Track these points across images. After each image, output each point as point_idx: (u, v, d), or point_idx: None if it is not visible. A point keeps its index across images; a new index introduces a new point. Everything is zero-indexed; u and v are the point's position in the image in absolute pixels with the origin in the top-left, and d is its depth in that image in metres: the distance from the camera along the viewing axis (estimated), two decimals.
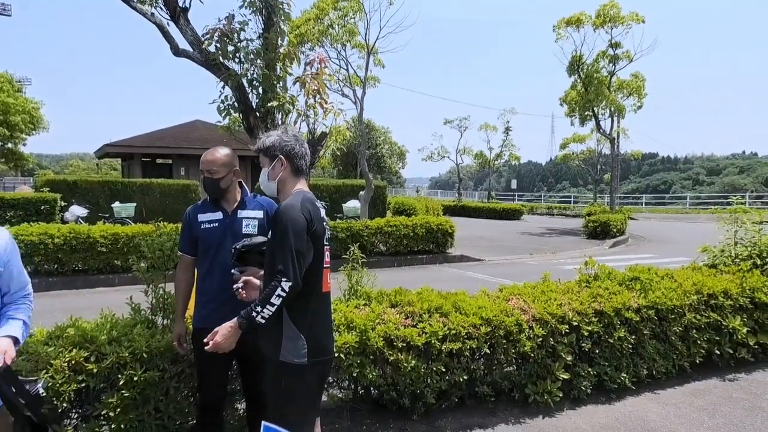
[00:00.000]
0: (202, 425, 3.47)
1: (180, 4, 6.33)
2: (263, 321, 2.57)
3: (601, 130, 27.07)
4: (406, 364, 4.15)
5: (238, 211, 3.44)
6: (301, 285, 2.59)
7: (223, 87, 6.47)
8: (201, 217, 3.41)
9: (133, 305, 4.01)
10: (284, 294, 2.54)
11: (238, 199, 3.48)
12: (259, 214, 3.45)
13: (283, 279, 2.54)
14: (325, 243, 2.80)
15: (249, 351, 3.33)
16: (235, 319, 2.66)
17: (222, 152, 3.39)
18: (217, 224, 3.38)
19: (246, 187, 3.55)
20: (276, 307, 2.55)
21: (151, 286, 4.22)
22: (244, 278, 2.92)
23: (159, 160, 26.87)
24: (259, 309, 2.56)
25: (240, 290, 2.87)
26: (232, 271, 3.26)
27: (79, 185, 17.85)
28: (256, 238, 3.30)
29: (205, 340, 2.72)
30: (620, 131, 30.98)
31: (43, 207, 15.17)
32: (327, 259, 2.82)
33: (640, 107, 27.56)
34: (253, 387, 3.47)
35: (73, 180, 18.15)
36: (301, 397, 2.70)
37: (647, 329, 5.23)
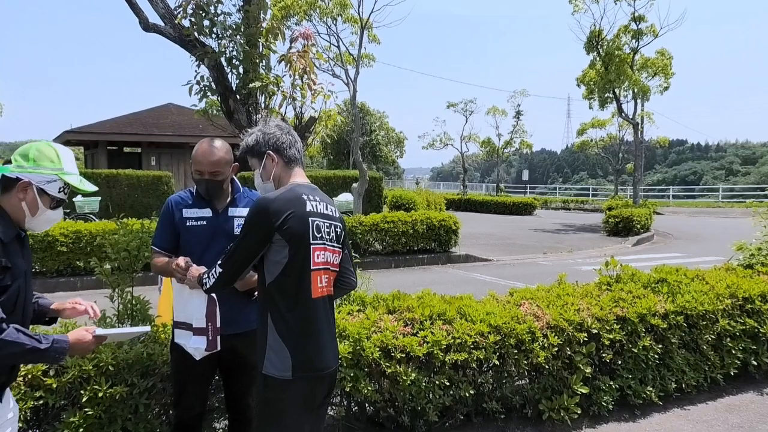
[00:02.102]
0: None
1: None
2: (205, 287, 2.83)
3: (623, 114, 27.12)
4: (405, 378, 4.15)
5: (230, 208, 3.40)
6: (231, 282, 2.79)
7: (199, 66, 6.45)
8: (187, 213, 3.36)
9: None
10: (214, 279, 2.77)
11: (229, 195, 3.44)
12: None
13: (218, 264, 2.74)
14: (313, 242, 2.75)
15: (236, 358, 3.31)
16: (205, 268, 2.93)
17: (223, 148, 3.31)
18: (205, 222, 3.34)
19: (237, 182, 3.50)
20: (209, 285, 2.79)
21: (117, 290, 4.21)
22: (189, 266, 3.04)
23: (127, 149, 26.79)
24: (206, 276, 2.83)
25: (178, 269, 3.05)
26: None
27: None
28: None
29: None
30: (644, 115, 31.12)
31: None
32: (318, 260, 2.76)
33: (666, 88, 27.63)
34: (238, 400, 3.46)
35: None
36: (284, 416, 2.67)
37: (675, 337, 5.24)
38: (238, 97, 6.47)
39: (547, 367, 4.67)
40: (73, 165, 2.54)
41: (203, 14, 6.33)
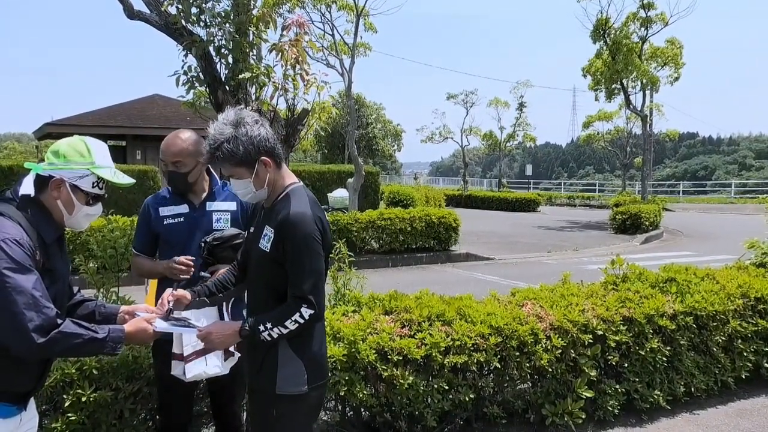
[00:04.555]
0: None
1: None
2: (268, 339, 2.55)
3: (631, 106, 27.14)
4: (402, 381, 4.16)
5: (207, 203, 3.42)
6: (323, 312, 2.60)
7: (186, 55, 6.43)
8: (163, 211, 3.38)
9: None
10: (302, 321, 2.53)
11: (207, 189, 3.46)
12: (232, 206, 3.44)
13: (304, 305, 2.53)
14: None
15: None
16: (239, 323, 2.64)
17: (187, 139, 3.34)
18: (182, 219, 3.36)
19: (215, 175, 3.52)
20: (288, 331, 2.53)
21: (101, 290, 4.22)
22: (178, 293, 2.81)
23: (111, 142, 26.69)
24: (269, 326, 2.53)
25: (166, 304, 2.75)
26: (202, 273, 3.26)
27: (15, 172, 17.75)
28: (228, 230, 3.30)
29: (199, 328, 2.67)
30: (653, 107, 31.11)
31: None
32: None
33: (676, 79, 27.67)
34: (225, 408, 3.48)
35: (8, 165, 18.05)
36: (296, 428, 2.71)
37: (684, 339, 5.26)
38: (227, 88, 6.47)
39: (550, 370, 4.69)
40: (106, 158, 2.54)
41: (191, 1, 6.32)
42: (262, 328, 2.53)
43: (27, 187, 2.45)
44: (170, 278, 3.25)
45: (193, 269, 3.15)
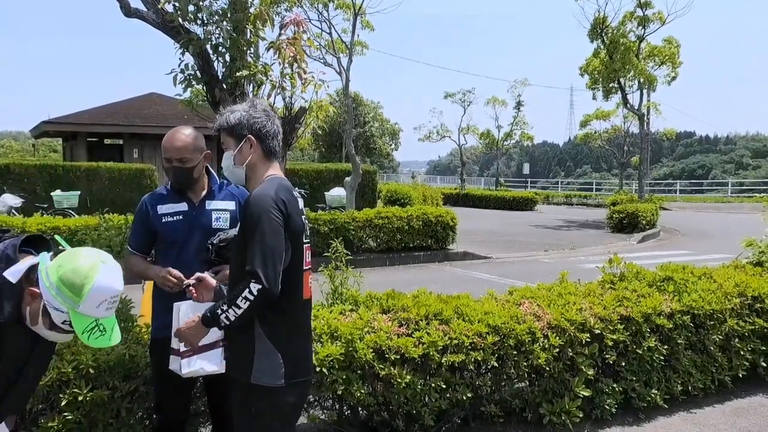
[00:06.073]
0: None
1: None
2: (227, 322, 2.55)
3: (628, 105, 27.17)
4: (399, 380, 4.16)
5: (206, 201, 3.41)
6: (278, 290, 2.54)
7: (183, 54, 6.42)
8: (162, 209, 3.37)
9: None
10: (252, 298, 2.49)
11: (206, 187, 3.45)
12: (231, 205, 3.44)
13: (252, 281, 2.49)
14: (305, 240, 2.78)
15: None
16: (199, 313, 2.69)
17: (189, 134, 3.34)
18: (181, 217, 3.35)
19: (214, 174, 3.52)
20: (242, 311, 2.51)
21: None
22: (197, 275, 2.99)
23: (107, 141, 26.71)
24: (224, 308, 2.55)
25: (190, 288, 2.96)
26: (204, 274, 3.26)
27: (11, 170, 17.73)
28: (232, 231, 3.30)
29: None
30: (651, 106, 31.15)
31: None
32: (308, 259, 2.80)
33: (674, 78, 27.67)
34: (222, 406, 3.47)
35: (4, 164, 18.03)
36: (274, 426, 2.69)
37: (682, 338, 5.26)
38: (224, 86, 6.45)
39: (547, 369, 4.69)
40: (95, 309, 2.23)
41: None
42: (219, 311, 2.56)
43: (16, 271, 2.23)
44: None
45: (182, 285, 3.12)
